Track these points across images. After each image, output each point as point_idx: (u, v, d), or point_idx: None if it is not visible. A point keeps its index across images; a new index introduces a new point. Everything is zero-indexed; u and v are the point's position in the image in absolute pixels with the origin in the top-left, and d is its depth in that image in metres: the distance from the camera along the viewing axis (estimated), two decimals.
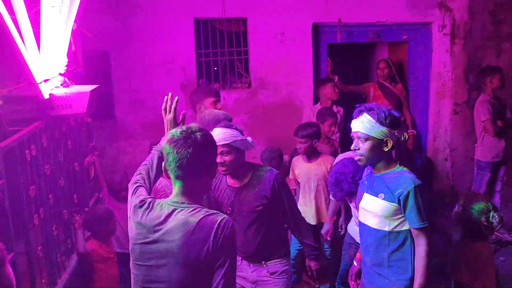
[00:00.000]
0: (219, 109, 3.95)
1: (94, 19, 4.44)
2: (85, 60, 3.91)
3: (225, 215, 1.99)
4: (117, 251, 3.80)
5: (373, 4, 5.49)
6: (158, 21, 5.10)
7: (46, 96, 2.77)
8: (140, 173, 2.35)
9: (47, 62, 2.85)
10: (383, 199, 2.62)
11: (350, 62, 6.95)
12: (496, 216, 2.82)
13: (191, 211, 1.97)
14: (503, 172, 5.11)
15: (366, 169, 2.85)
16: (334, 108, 5.19)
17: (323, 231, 4.04)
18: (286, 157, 4.71)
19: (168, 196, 2.15)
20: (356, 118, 2.64)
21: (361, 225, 2.83)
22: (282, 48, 5.41)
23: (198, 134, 1.98)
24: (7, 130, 2.44)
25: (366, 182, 2.79)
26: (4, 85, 2.52)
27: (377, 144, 2.59)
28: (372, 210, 2.69)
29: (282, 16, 5.34)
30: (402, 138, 2.61)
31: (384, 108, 2.62)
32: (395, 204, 2.58)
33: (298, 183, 4.25)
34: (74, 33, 3.35)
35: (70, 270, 3.20)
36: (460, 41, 5.66)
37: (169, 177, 2.07)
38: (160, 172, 2.34)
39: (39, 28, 2.75)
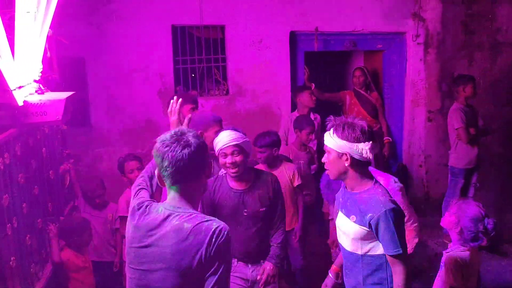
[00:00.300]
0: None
1: (70, 25, 4.39)
2: (61, 66, 3.86)
3: (221, 222, 1.95)
4: (93, 260, 3.75)
5: (349, 13, 5.58)
6: (135, 28, 5.08)
7: (20, 103, 2.71)
8: (142, 176, 2.34)
9: (22, 68, 2.79)
10: (354, 221, 2.49)
11: (326, 70, 7.02)
12: (491, 222, 2.82)
13: (187, 216, 1.94)
14: (475, 178, 5.22)
15: (341, 184, 2.70)
16: (312, 116, 5.24)
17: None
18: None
19: None
20: (327, 130, 2.57)
21: (340, 244, 2.72)
22: (259, 55, 5.44)
23: (190, 135, 1.96)
24: None
25: (341, 199, 2.67)
26: None
27: (337, 158, 2.46)
28: (345, 231, 2.58)
29: (260, 24, 5.38)
30: (364, 154, 2.40)
31: (349, 121, 2.45)
32: (366, 228, 2.43)
33: None
34: (49, 39, 3.30)
35: (44, 280, 3.13)
36: (434, 50, 5.79)
37: (163, 185, 2.04)
38: None
39: (13, 34, 2.70)
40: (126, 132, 5.20)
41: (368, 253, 2.51)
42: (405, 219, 2.78)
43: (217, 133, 3.20)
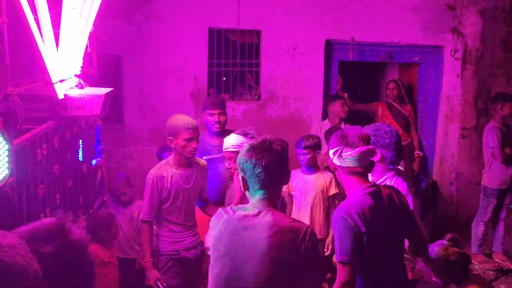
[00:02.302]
0: (219, 121, 3.97)
1: (110, 23, 4.46)
2: (99, 63, 3.93)
3: (309, 225, 2.11)
4: (118, 256, 3.78)
5: (386, 25, 5.53)
6: (173, 29, 5.13)
7: (61, 97, 2.78)
8: None
9: (64, 62, 2.86)
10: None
11: (360, 81, 6.97)
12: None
13: (277, 215, 2.07)
14: (508, 200, 5.08)
15: None
16: (342, 126, 5.19)
17: None
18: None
19: None
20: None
21: None
22: (293, 62, 5.43)
23: (276, 145, 2.10)
24: (21, 128, 2.44)
25: None
26: (20, 83, 2.52)
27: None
28: None
29: (296, 31, 5.37)
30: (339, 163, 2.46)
31: (342, 131, 2.55)
32: None
33: (290, 196, 4.13)
34: (90, 36, 3.37)
35: None
36: (471, 66, 5.68)
37: (246, 189, 2.14)
38: None
39: (58, 29, 2.76)
40: (156, 132, 5.24)
41: None
42: None
43: (188, 141, 3.23)
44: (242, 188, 2.18)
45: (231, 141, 3.15)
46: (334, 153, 2.48)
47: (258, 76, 5.50)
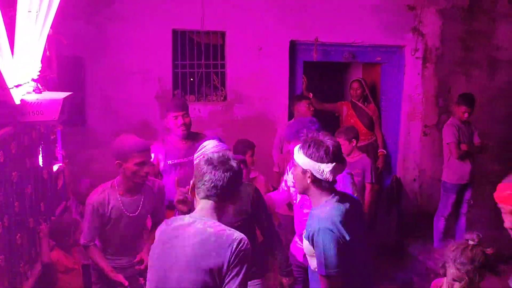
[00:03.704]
0: (184, 123, 3.82)
1: (70, 24, 4.37)
2: (59, 65, 3.85)
3: (242, 234, 2.07)
4: (82, 263, 3.72)
5: (349, 25, 5.60)
6: (136, 30, 5.07)
7: (18, 102, 2.71)
8: None
9: (20, 67, 2.79)
10: (304, 236, 2.53)
11: (325, 80, 7.04)
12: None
13: (211, 223, 2.08)
14: (469, 195, 5.22)
15: None
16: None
17: None
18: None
19: None
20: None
21: None
22: (259, 63, 5.45)
23: (234, 162, 2.14)
24: None
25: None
26: None
27: (301, 173, 2.49)
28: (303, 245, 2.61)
29: (261, 32, 5.40)
30: (325, 175, 2.41)
31: (319, 140, 2.46)
32: (308, 243, 2.47)
33: None
34: (49, 38, 3.29)
35: (33, 280, 3.11)
36: (432, 65, 5.82)
37: (194, 196, 2.19)
38: None
39: (13, 33, 2.69)
40: (120, 134, 5.16)
41: (316, 270, 2.51)
42: None
43: (140, 165, 3.01)
44: (190, 193, 2.23)
45: (210, 146, 2.99)
46: (331, 171, 2.41)
47: (223, 77, 5.50)
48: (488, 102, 5.92)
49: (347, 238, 2.40)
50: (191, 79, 5.43)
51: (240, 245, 2.02)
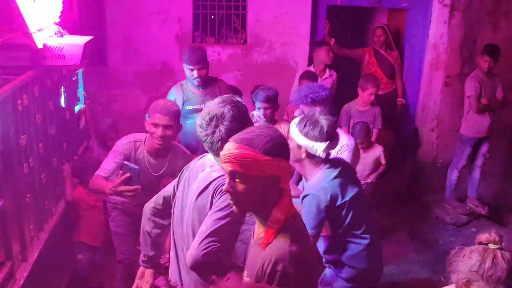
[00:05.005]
0: (200, 76, 3.76)
1: None
2: (81, 5, 3.85)
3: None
4: (103, 200, 3.89)
5: None
6: None
7: (40, 46, 2.76)
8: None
9: (42, 10, 2.81)
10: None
11: (348, 26, 6.87)
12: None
13: (219, 167, 2.07)
14: (486, 149, 5.20)
15: None
16: (327, 72, 5.20)
17: None
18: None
19: None
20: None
21: None
22: (280, 6, 5.33)
23: (223, 125, 2.02)
24: (1, 79, 2.44)
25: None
26: None
27: (296, 147, 2.60)
28: None
29: None
30: (317, 153, 2.55)
31: (316, 118, 2.57)
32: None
33: None
34: None
35: (57, 216, 3.30)
36: (459, 13, 5.61)
37: None
38: None
39: None
40: (140, 75, 5.22)
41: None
42: None
43: (154, 126, 2.98)
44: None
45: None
46: (324, 150, 2.54)
47: (244, 20, 5.42)
48: None
49: (342, 199, 2.60)
50: (212, 17, 5.34)
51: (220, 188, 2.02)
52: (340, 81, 5.35)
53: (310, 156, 2.60)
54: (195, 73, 3.77)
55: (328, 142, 2.54)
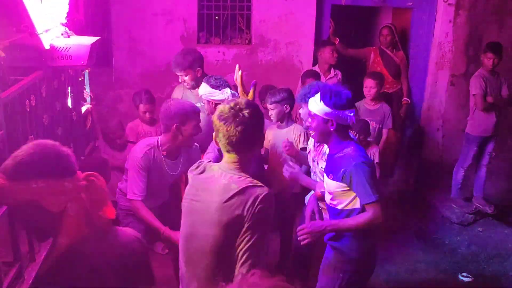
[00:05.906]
0: (186, 81, 3.85)
1: None
2: (86, 7, 3.87)
3: (265, 189, 2.05)
4: (112, 200, 3.90)
5: None
6: None
7: (47, 47, 2.77)
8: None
9: (49, 11, 2.82)
10: (332, 179, 2.69)
11: (353, 26, 6.86)
12: None
13: (237, 178, 2.08)
14: (492, 147, 5.18)
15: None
16: (332, 72, 5.20)
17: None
18: None
19: None
20: (312, 96, 2.72)
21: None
22: (285, 6, 5.34)
23: (246, 112, 2.04)
24: (9, 79, 2.46)
25: (325, 163, 2.89)
26: (5, 35, 2.51)
27: (323, 123, 2.65)
28: (327, 189, 2.79)
29: None
30: (349, 120, 2.62)
31: (336, 89, 2.63)
32: (341, 183, 2.64)
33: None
34: None
35: None
36: (464, 12, 5.60)
37: (219, 146, 2.18)
38: None
39: None
40: (146, 75, 5.24)
41: (346, 207, 2.72)
42: None
43: (196, 128, 3.06)
44: (215, 143, 2.26)
45: (201, 91, 3.42)
46: (354, 116, 2.65)
47: (249, 20, 5.43)
48: None
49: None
50: (216, 17, 5.35)
51: (265, 202, 2.01)
52: (345, 81, 5.34)
53: (339, 128, 2.64)
54: (180, 78, 3.90)
55: (354, 108, 2.65)
